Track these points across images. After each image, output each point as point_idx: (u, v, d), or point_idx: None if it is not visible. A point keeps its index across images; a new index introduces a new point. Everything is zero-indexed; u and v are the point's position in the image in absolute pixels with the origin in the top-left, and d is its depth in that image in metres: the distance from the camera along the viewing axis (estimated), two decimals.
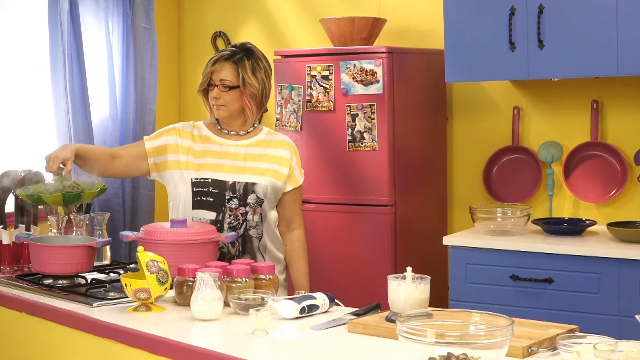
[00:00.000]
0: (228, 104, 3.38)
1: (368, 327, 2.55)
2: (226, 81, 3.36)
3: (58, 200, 3.20)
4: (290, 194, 3.49)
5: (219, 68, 3.38)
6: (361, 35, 4.59)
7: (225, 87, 3.36)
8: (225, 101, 3.37)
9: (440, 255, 4.44)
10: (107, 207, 5.04)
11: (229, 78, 3.36)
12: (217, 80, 3.38)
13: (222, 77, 3.37)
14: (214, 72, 3.39)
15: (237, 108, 3.40)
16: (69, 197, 3.20)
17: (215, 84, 3.38)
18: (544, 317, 3.70)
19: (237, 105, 3.39)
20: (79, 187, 3.25)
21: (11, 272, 3.45)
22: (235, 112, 3.41)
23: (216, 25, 5.62)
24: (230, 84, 3.36)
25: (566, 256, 3.87)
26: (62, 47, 4.85)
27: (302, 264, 3.52)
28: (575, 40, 4.01)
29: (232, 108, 3.39)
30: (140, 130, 5.23)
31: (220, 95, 3.37)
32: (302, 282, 3.50)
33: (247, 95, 3.37)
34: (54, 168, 3.23)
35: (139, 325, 2.66)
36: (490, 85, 4.72)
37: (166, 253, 2.95)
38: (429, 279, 2.55)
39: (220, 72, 3.38)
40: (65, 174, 3.24)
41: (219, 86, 3.37)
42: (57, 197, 3.18)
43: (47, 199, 3.18)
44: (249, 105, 3.39)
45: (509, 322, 2.14)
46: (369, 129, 4.39)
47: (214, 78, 3.38)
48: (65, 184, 3.22)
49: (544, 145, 4.53)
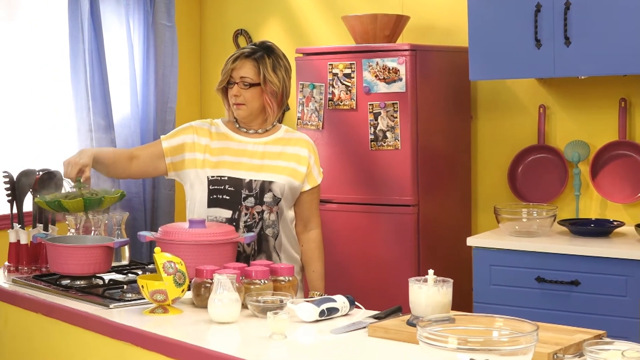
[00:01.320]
0: (248, 102, 3.33)
1: (389, 331, 2.50)
2: (247, 78, 3.32)
3: (79, 207, 3.18)
4: (308, 193, 3.44)
5: (239, 65, 3.34)
6: (384, 33, 4.56)
7: (246, 84, 3.32)
8: (246, 99, 3.33)
9: (464, 256, 4.37)
10: (128, 206, 5.02)
11: (250, 75, 3.32)
12: (237, 78, 3.34)
13: (243, 75, 3.33)
14: (234, 69, 3.35)
15: (257, 107, 3.36)
16: (90, 203, 3.19)
17: (235, 81, 3.34)
18: (569, 320, 3.68)
19: (257, 103, 3.35)
20: (98, 194, 3.24)
21: (29, 272, 3.43)
22: (255, 111, 3.37)
23: (238, 23, 5.61)
24: (251, 81, 3.32)
25: (593, 258, 3.82)
26: (83, 45, 4.85)
27: (318, 264, 3.48)
28: (603, 37, 3.96)
29: (252, 106, 3.35)
30: (160, 129, 5.23)
31: (240, 93, 3.33)
32: (318, 283, 3.46)
33: (268, 93, 3.34)
34: (73, 174, 3.21)
35: (155, 328, 2.63)
36: (516, 83, 4.68)
37: (184, 254, 2.92)
38: (452, 282, 2.50)
39: (240, 69, 3.33)
40: (83, 181, 3.22)
41: (239, 84, 3.33)
42: (78, 203, 3.16)
43: (67, 205, 3.17)
44: (269, 103, 3.35)
45: (534, 327, 2.07)
46: (392, 127, 4.34)
47: (234, 76, 3.34)
48: (83, 191, 3.22)
49: (570, 145, 4.48)
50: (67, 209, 3.19)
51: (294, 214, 3.44)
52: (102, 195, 3.23)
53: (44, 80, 4.90)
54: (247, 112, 3.36)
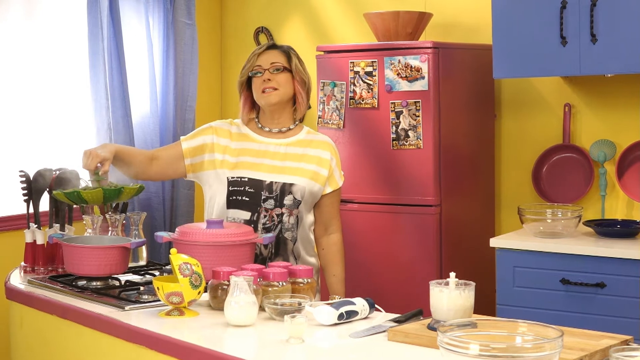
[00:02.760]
0: (281, 86, 3.30)
1: (409, 335, 2.45)
2: (277, 63, 3.31)
3: (98, 197, 3.15)
4: (329, 196, 3.40)
5: (268, 52, 3.34)
6: (406, 30, 4.52)
7: (278, 68, 3.30)
8: (279, 83, 3.30)
9: (487, 257, 4.33)
10: (148, 206, 5.02)
11: (281, 60, 3.32)
12: (266, 64, 3.32)
13: (273, 60, 3.32)
14: (260, 55, 3.33)
15: (288, 93, 3.33)
16: (110, 194, 3.16)
17: (264, 68, 3.31)
18: (595, 323, 3.68)
19: (288, 89, 3.33)
20: (117, 186, 3.21)
21: (45, 272, 3.42)
22: (285, 98, 3.34)
23: (259, 21, 5.60)
24: (282, 65, 3.31)
25: (619, 260, 3.77)
26: (102, 43, 4.83)
27: (339, 268, 3.44)
28: (630, 34, 3.90)
29: (284, 91, 3.31)
30: (180, 128, 5.21)
31: (272, 77, 3.29)
32: (338, 287, 3.42)
33: (299, 81, 3.32)
34: (93, 166, 3.17)
35: (170, 331, 2.59)
36: (540, 82, 4.63)
37: (201, 255, 2.90)
38: (474, 285, 2.45)
39: (269, 55, 3.33)
40: (102, 174, 3.19)
41: (270, 69, 3.31)
42: (97, 194, 3.13)
43: (86, 196, 3.14)
44: (300, 92, 3.33)
45: (559, 333, 2.01)
46: (414, 126, 4.30)
47: (262, 62, 3.32)
48: (102, 184, 3.18)
49: (596, 144, 4.44)
50: (86, 201, 3.16)
51: (312, 218, 3.39)
52: (121, 186, 3.19)
53: (63, 79, 4.89)
54: (279, 98, 3.31)
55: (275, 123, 3.39)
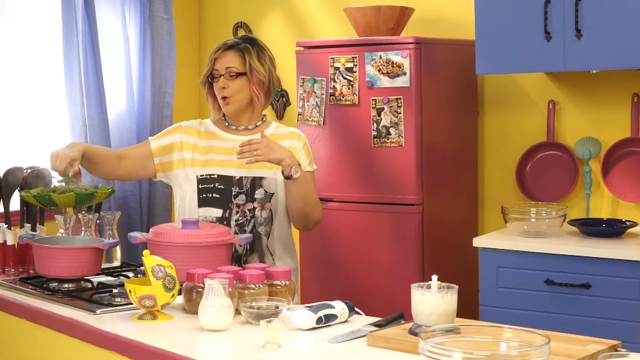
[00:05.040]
0: (235, 93, 3.28)
1: (390, 340, 2.37)
2: (232, 68, 3.28)
3: (70, 201, 3.09)
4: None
5: (223, 55, 3.31)
6: (387, 25, 4.48)
7: (232, 74, 3.27)
8: (233, 90, 3.27)
9: (470, 257, 4.31)
10: (124, 204, 4.96)
11: (235, 65, 3.28)
12: (222, 69, 3.29)
13: (228, 65, 3.29)
14: (217, 59, 3.31)
15: (245, 98, 3.31)
16: (82, 198, 3.10)
17: (220, 73, 3.29)
18: (580, 324, 3.67)
19: (244, 94, 3.30)
20: (87, 189, 3.15)
21: (16, 274, 3.37)
22: (243, 104, 3.32)
23: (237, 16, 5.57)
24: (237, 70, 3.28)
25: (605, 260, 3.75)
26: (77, 38, 4.78)
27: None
28: (616, 30, 3.88)
29: (239, 98, 3.29)
30: (157, 125, 5.18)
31: (227, 85, 3.27)
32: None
33: (255, 82, 3.29)
34: (62, 167, 3.12)
35: (143, 336, 2.52)
36: (524, 78, 4.61)
37: (176, 256, 2.84)
38: (457, 288, 2.37)
39: (224, 58, 3.30)
40: (72, 175, 3.14)
41: (225, 75, 3.28)
42: (69, 197, 3.07)
43: (58, 200, 3.07)
44: (256, 94, 3.30)
45: (545, 340, 1.94)
46: (395, 123, 4.26)
47: (219, 67, 3.30)
48: (71, 186, 3.13)
49: (581, 142, 4.42)
50: (57, 204, 3.10)
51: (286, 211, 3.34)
52: (92, 190, 3.14)
53: (36, 75, 4.84)
54: (235, 106, 3.31)
55: (240, 123, 3.38)
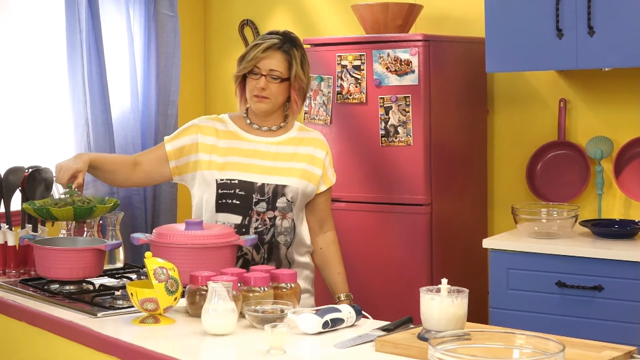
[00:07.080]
0: (274, 97, 3.18)
1: (398, 346, 2.32)
2: (276, 72, 3.17)
3: (69, 215, 3.07)
4: (324, 194, 3.32)
5: (270, 56, 3.17)
6: (396, 23, 4.44)
7: (275, 78, 3.17)
8: (272, 93, 3.17)
9: (480, 259, 4.29)
10: (128, 204, 4.92)
11: (280, 69, 3.17)
12: (265, 70, 3.17)
13: (273, 67, 3.17)
14: (262, 59, 3.17)
15: (281, 101, 3.23)
16: (81, 212, 3.07)
17: (262, 73, 3.17)
18: (592, 327, 3.64)
19: (282, 98, 3.21)
20: (90, 202, 3.13)
21: (16, 275, 3.33)
22: (277, 106, 3.23)
23: (243, 13, 5.52)
24: (281, 75, 3.17)
25: (617, 261, 3.70)
26: (80, 36, 4.72)
27: (341, 266, 3.35)
28: (629, 27, 3.83)
29: (276, 101, 3.20)
30: (162, 124, 5.13)
31: (267, 86, 3.17)
32: (344, 285, 3.33)
33: (296, 88, 3.21)
34: (64, 180, 3.09)
35: (144, 340, 2.47)
36: (535, 76, 4.58)
37: (179, 258, 2.80)
38: (467, 292, 2.32)
39: (270, 60, 3.17)
40: (75, 187, 3.11)
41: (267, 77, 3.17)
42: (67, 212, 3.05)
43: (57, 214, 3.05)
44: (296, 100, 3.22)
45: (560, 347, 1.87)
46: (404, 122, 4.22)
47: (262, 66, 3.17)
48: (75, 198, 3.11)
49: (592, 141, 4.38)
50: (56, 218, 3.08)
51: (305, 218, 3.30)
52: (93, 204, 3.11)
53: (39, 73, 4.79)
54: (269, 107, 3.21)
55: (265, 122, 3.28)
